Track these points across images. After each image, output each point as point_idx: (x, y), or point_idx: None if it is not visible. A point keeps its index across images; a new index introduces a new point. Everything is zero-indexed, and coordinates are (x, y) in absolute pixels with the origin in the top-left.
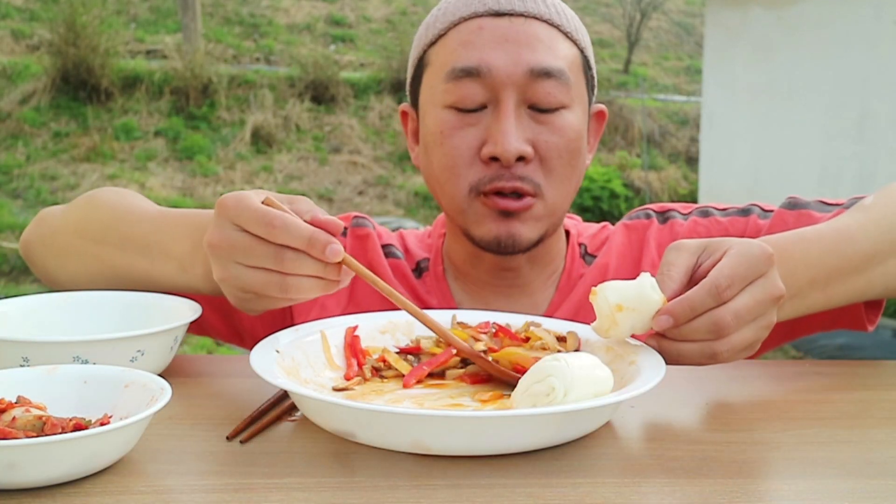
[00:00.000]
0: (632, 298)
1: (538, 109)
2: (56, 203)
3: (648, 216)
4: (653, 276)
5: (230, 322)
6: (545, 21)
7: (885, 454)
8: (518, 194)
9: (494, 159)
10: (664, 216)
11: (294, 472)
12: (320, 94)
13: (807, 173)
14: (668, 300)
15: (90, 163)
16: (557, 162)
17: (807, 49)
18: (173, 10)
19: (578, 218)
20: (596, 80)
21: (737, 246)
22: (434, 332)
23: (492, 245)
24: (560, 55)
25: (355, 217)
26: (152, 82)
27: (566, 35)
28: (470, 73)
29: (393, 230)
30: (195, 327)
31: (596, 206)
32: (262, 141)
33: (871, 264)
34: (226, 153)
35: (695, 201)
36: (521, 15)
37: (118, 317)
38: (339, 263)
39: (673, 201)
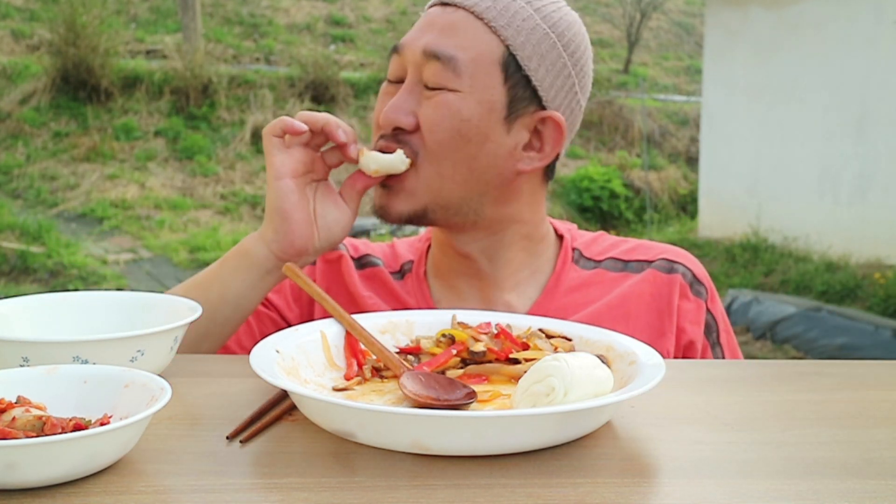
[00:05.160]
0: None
1: (426, 87)
2: (56, 203)
3: None
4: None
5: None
6: (471, 12)
7: (885, 454)
8: None
9: None
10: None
11: (294, 472)
12: (320, 94)
13: (807, 173)
14: None
15: (90, 163)
16: (438, 137)
17: (807, 49)
18: (173, 10)
19: (574, 226)
20: (534, 82)
21: None
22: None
23: (376, 212)
24: (464, 45)
25: None
26: (152, 82)
27: (491, 29)
28: (396, 50)
29: (391, 232)
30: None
31: (596, 206)
32: (261, 141)
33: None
34: (226, 153)
35: (695, 201)
36: (453, 5)
37: (118, 317)
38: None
39: (673, 201)
